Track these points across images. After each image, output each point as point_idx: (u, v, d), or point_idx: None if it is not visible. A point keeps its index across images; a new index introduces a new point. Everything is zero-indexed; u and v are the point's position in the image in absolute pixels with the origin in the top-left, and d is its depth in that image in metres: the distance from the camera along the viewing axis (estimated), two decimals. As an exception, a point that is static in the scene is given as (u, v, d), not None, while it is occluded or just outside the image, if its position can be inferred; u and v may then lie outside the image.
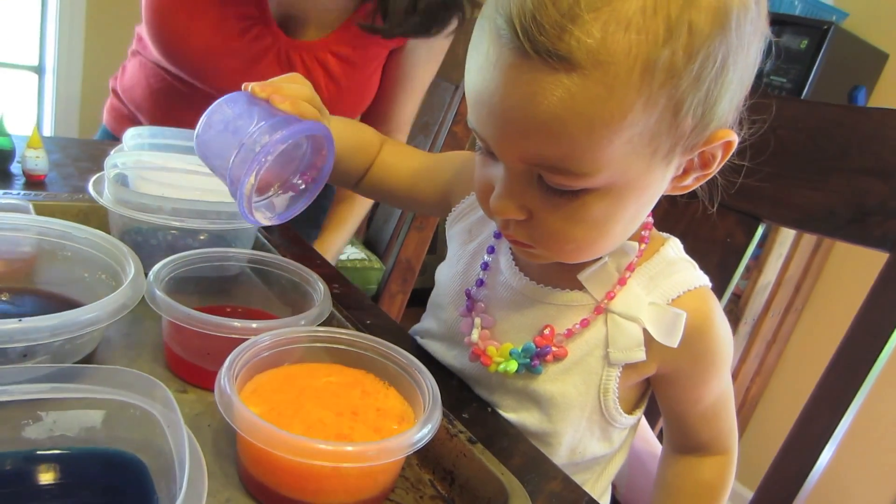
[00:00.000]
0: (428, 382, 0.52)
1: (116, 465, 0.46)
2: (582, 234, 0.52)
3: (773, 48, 0.52)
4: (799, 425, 0.72)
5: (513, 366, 0.60)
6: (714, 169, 0.54)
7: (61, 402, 0.45)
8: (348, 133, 0.75)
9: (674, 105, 0.46)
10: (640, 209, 0.54)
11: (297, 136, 0.57)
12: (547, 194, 0.50)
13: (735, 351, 2.06)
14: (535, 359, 0.60)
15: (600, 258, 0.59)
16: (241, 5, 1.01)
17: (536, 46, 0.43)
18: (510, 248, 0.65)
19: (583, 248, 0.54)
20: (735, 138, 0.51)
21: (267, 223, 0.61)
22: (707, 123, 0.49)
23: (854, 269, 2.00)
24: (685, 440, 0.66)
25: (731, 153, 0.53)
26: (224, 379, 0.47)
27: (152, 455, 0.45)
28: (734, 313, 1.83)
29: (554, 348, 0.59)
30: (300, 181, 0.63)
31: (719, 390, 0.63)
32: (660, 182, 0.52)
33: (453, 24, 1.05)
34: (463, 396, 0.64)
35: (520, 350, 0.61)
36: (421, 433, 0.46)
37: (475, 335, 0.63)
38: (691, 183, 0.55)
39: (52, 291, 0.64)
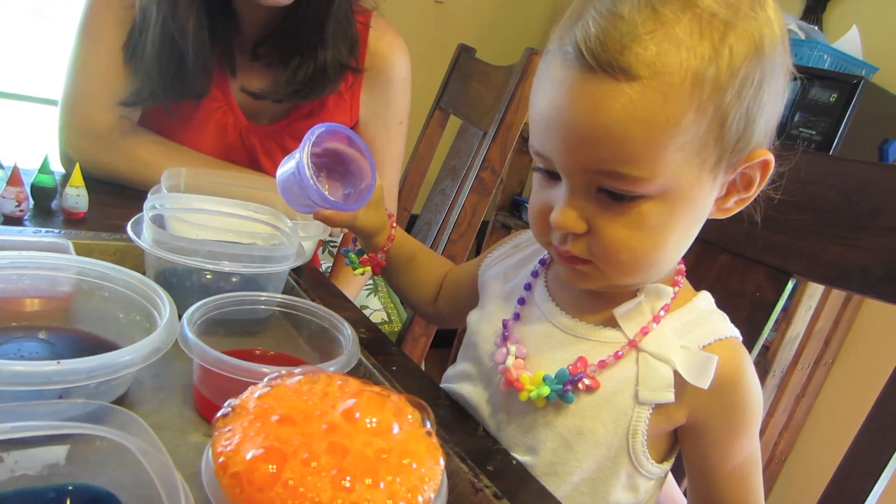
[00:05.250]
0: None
1: (85, 500, 0.44)
2: (639, 242, 0.55)
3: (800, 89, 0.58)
4: (831, 489, 0.70)
5: (545, 391, 0.60)
6: (754, 192, 0.59)
7: (23, 440, 0.42)
8: (423, 246, 0.88)
9: (720, 116, 0.52)
10: (690, 226, 0.58)
11: (329, 128, 0.73)
12: (606, 205, 0.55)
13: (762, 405, 2.02)
14: (567, 385, 0.60)
15: (637, 297, 0.62)
16: (214, 98, 1.21)
17: (600, 61, 0.50)
18: (546, 284, 0.68)
19: (639, 257, 0.56)
20: (772, 158, 0.57)
21: (326, 194, 0.72)
22: (748, 139, 0.55)
23: (886, 323, 1.96)
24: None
25: (768, 175, 0.58)
26: (209, 455, 0.41)
27: (125, 486, 0.44)
28: (762, 365, 1.80)
29: (587, 379, 0.60)
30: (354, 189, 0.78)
31: (748, 451, 0.62)
32: (707, 198, 0.57)
33: (328, 91, 1.22)
34: (488, 448, 0.64)
35: (553, 376, 0.61)
36: None
37: (509, 361, 0.64)
38: (733, 206, 0.60)
39: (87, 331, 0.65)
